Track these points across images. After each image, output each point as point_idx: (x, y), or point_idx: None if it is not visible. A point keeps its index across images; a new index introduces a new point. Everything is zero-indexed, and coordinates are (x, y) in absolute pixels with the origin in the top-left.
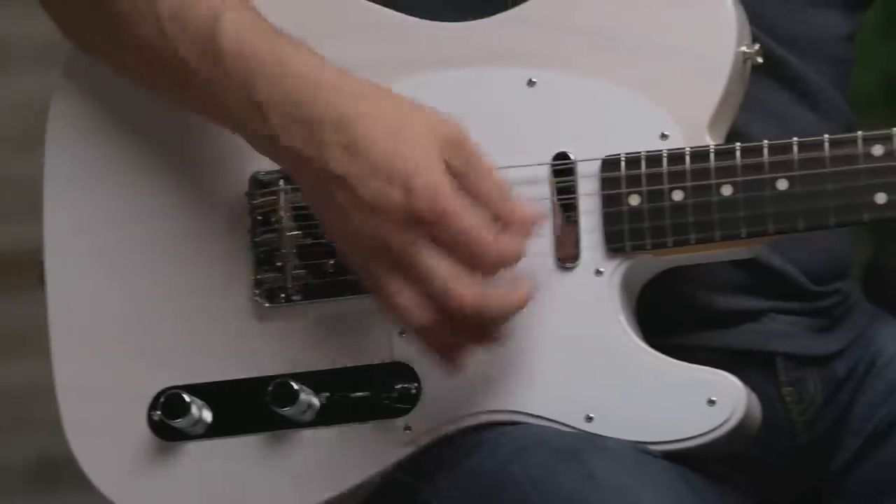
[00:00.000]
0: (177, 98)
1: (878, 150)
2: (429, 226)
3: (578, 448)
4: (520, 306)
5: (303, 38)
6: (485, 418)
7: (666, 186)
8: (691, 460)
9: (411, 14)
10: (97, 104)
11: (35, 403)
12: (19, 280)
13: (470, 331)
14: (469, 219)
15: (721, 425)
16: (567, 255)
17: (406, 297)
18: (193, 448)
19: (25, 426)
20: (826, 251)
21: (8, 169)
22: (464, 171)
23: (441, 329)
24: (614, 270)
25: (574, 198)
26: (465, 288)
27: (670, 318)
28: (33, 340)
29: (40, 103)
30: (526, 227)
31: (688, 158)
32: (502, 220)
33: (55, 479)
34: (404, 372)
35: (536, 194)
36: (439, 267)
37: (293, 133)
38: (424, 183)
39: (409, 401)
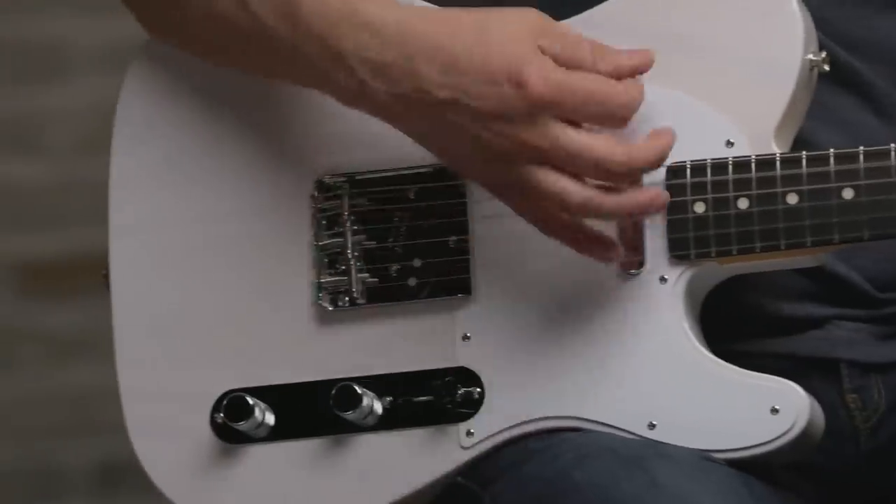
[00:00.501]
0: (261, 67)
1: None
2: (553, 106)
3: (641, 455)
4: (669, 146)
5: None
6: (547, 424)
7: (731, 194)
8: (755, 467)
9: None
10: (162, 106)
11: (98, 407)
12: (83, 284)
13: (630, 198)
14: (585, 80)
15: (784, 434)
16: (632, 262)
17: (561, 180)
18: (256, 451)
19: (88, 430)
20: (890, 259)
21: (69, 174)
22: (559, 49)
23: (605, 204)
24: (679, 277)
25: None
26: (615, 149)
27: (735, 325)
28: (97, 344)
29: (100, 108)
30: (636, 68)
31: (753, 166)
32: (611, 73)
33: (117, 484)
34: (468, 377)
35: None
36: (583, 139)
37: (384, 75)
38: (530, 70)
39: (472, 406)
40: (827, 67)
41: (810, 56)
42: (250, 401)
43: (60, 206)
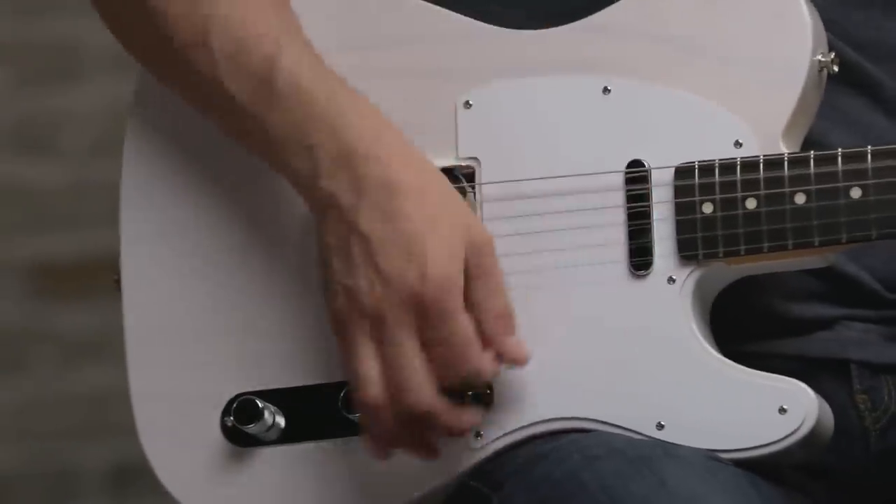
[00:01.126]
0: (223, 124)
1: None
2: (426, 316)
3: (650, 455)
4: (461, 432)
5: (372, 45)
6: (556, 425)
7: (739, 194)
8: (763, 468)
9: (490, 23)
10: (176, 111)
11: (111, 409)
12: (96, 285)
13: (408, 431)
14: (465, 327)
15: (792, 434)
16: (640, 263)
17: (371, 368)
18: (267, 454)
19: (102, 432)
20: None
21: (83, 176)
22: (478, 278)
23: (385, 415)
24: (687, 278)
25: (647, 206)
26: (427, 390)
27: (744, 325)
28: (110, 345)
29: (113, 110)
30: (515, 360)
31: (762, 167)
32: (493, 343)
33: (131, 485)
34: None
35: (609, 202)
36: (415, 359)
37: (337, 180)
38: (441, 275)
39: (482, 407)
40: (836, 68)
41: (819, 57)
42: (260, 404)
43: (74, 207)
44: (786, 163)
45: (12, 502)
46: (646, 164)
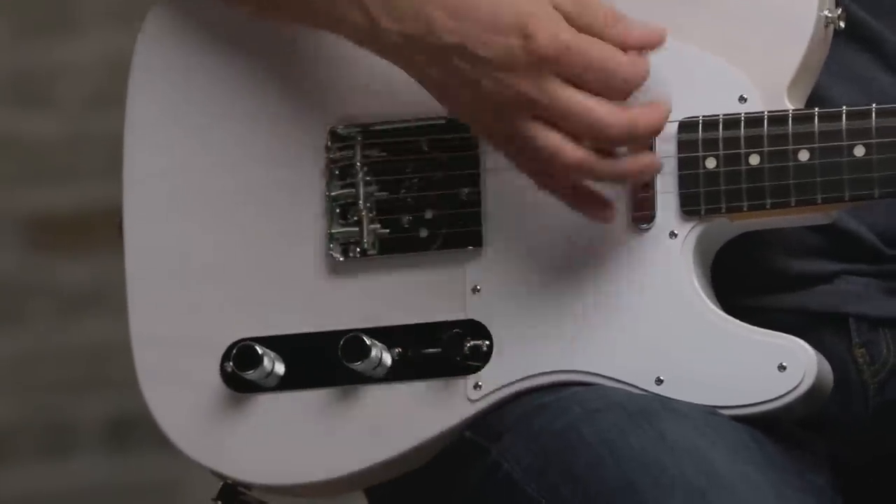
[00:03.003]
0: (273, 7)
1: None
2: (556, 64)
3: (650, 409)
4: (666, 116)
5: None
6: (555, 378)
7: (743, 150)
8: (763, 422)
9: None
10: (178, 54)
11: (109, 362)
12: (94, 238)
13: (622, 163)
14: (593, 45)
15: (791, 391)
16: (642, 217)
17: (557, 138)
18: (265, 400)
19: (100, 385)
20: None
21: (80, 128)
22: (572, 8)
23: (593, 164)
24: (688, 233)
25: None
26: (612, 110)
27: (744, 280)
28: (108, 298)
29: (110, 62)
30: (645, 43)
31: (766, 122)
32: (620, 42)
33: (128, 438)
34: (477, 329)
35: None
36: (582, 99)
37: (396, 16)
38: (538, 25)
39: (481, 359)
40: (842, 24)
41: (825, 13)
42: (259, 350)
43: (71, 160)
44: (790, 119)
45: (10, 454)
46: None
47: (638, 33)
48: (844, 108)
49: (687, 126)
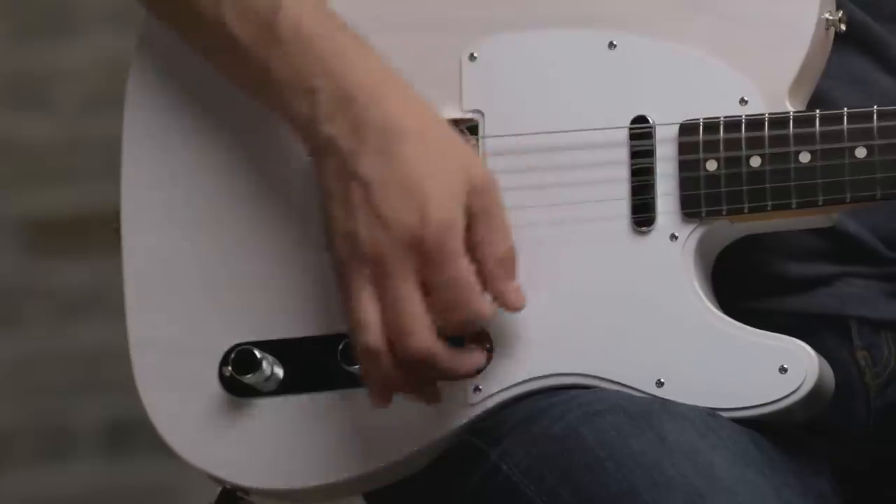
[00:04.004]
0: (225, 67)
1: None
2: (426, 260)
3: (649, 411)
4: (466, 374)
5: None
6: (555, 381)
7: (744, 153)
8: (765, 425)
9: None
10: (179, 60)
11: (107, 365)
12: (92, 241)
13: (410, 376)
14: (465, 269)
15: (792, 393)
16: (642, 220)
17: (371, 313)
18: (264, 404)
19: (98, 388)
20: None
21: (77, 131)
22: (480, 219)
23: (385, 360)
24: (689, 235)
25: (651, 162)
26: (427, 334)
27: (745, 282)
28: (106, 301)
29: (107, 65)
30: (508, 306)
31: (767, 125)
32: (492, 287)
33: (126, 442)
34: (477, 332)
35: (613, 157)
36: (415, 303)
37: (337, 124)
38: (441, 217)
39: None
40: (843, 27)
41: (826, 15)
42: (258, 354)
43: (69, 162)
44: (791, 121)
45: (7, 458)
46: (650, 119)
47: (509, 293)
48: (846, 109)
49: (688, 128)
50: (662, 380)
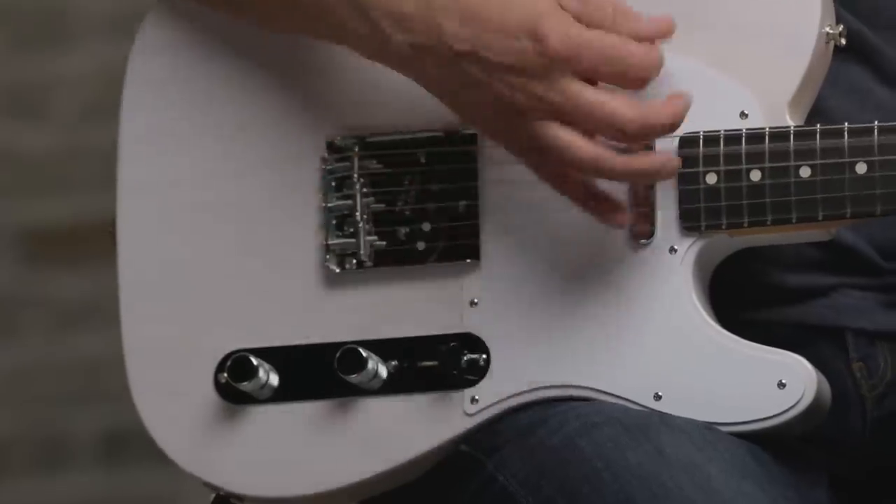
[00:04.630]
0: (279, 19)
1: None
2: (570, 62)
3: (647, 424)
4: (685, 110)
5: None
6: (552, 393)
7: (744, 166)
8: (762, 437)
9: None
10: (173, 63)
11: (103, 375)
12: (89, 250)
13: (637, 156)
14: (604, 38)
15: (790, 408)
16: (641, 232)
17: (575, 136)
18: (260, 412)
19: (94, 398)
20: None
21: (74, 141)
22: (579, 6)
23: (609, 160)
24: (688, 249)
25: None
26: (626, 102)
27: (741, 293)
28: (103, 311)
29: (103, 75)
30: (655, 33)
31: (767, 138)
32: (630, 34)
33: (123, 451)
34: (474, 343)
35: None
36: (594, 92)
37: (405, 27)
38: (549, 25)
39: (478, 372)
40: (843, 41)
41: (827, 29)
42: (254, 361)
43: (66, 172)
44: (791, 135)
45: (4, 468)
46: None
47: (647, 24)
48: (846, 124)
49: (688, 141)
50: (660, 393)
